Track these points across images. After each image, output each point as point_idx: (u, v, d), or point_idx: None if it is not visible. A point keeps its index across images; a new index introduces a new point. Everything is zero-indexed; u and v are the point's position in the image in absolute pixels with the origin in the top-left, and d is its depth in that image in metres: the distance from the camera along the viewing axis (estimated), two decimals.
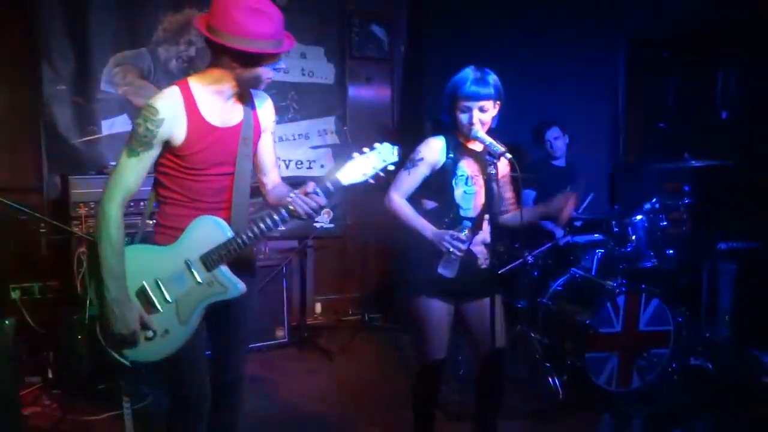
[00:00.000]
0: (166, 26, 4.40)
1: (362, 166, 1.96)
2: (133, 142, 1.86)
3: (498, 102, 2.38)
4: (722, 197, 4.29)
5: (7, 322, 2.66)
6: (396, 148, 1.96)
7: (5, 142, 4.11)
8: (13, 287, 3.94)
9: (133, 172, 1.87)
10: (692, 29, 4.83)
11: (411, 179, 2.44)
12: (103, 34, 4.22)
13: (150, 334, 1.92)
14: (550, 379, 3.40)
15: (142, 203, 2.31)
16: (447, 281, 2.37)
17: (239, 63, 1.85)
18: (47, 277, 3.71)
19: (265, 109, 2.12)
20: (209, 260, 1.94)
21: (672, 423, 3.24)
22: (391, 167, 1.97)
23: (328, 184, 1.95)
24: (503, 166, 2.48)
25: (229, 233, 1.95)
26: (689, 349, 3.73)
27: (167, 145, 1.89)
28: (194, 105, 1.90)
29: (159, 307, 1.93)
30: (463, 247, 2.31)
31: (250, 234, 1.95)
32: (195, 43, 4.44)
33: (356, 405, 3.41)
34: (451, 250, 2.29)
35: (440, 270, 2.36)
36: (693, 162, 3.76)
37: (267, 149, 2.17)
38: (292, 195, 1.93)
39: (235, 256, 1.96)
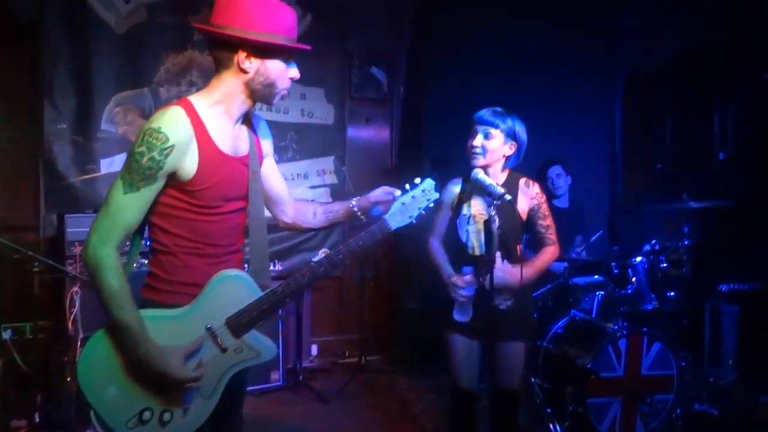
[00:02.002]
0: (168, 67, 4.46)
1: (408, 208, 1.78)
2: (133, 174, 1.56)
3: (513, 142, 2.45)
4: (722, 238, 4.28)
5: None
6: (434, 183, 1.82)
7: (3, 178, 4.11)
8: (5, 327, 3.88)
9: (131, 211, 1.58)
10: (688, 69, 4.90)
11: (439, 221, 2.58)
12: (106, 74, 4.27)
13: (167, 416, 1.64)
14: (552, 426, 3.31)
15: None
16: (470, 319, 2.43)
17: (255, 56, 1.62)
18: (39, 316, 3.64)
19: (264, 133, 1.89)
20: (237, 326, 1.67)
21: None
22: (432, 205, 1.83)
23: (376, 231, 1.76)
24: (529, 199, 2.51)
25: (259, 291, 1.70)
26: (693, 394, 3.65)
27: (171, 180, 1.61)
28: (204, 129, 1.63)
29: None
30: (463, 292, 2.35)
31: (289, 288, 1.69)
32: (196, 83, 4.49)
33: None
34: (453, 295, 2.39)
35: (455, 314, 2.45)
36: (692, 203, 3.75)
37: (275, 175, 1.94)
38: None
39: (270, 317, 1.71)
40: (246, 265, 1.84)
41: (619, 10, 5.05)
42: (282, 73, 1.68)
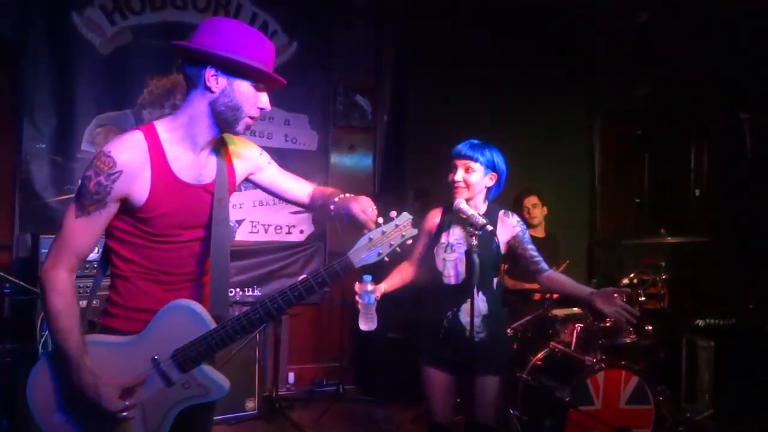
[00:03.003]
0: (152, 89, 4.44)
1: (378, 244, 1.62)
2: (83, 198, 1.54)
3: (493, 173, 2.48)
4: (699, 273, 4.34)
5: None
6: (412, 219, 1.66)
7: None
8: None
9: (82, 235, 1.56)
10: (665, 109, 5.03)
11: (416, 248, 2.58)
12: (88, 94, 4.23)
13: None
14: None
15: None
16: (440, 351, 2.42)
17: (223, 74, 1.57)
18: (8, 339, 3.54)
19: (241, 151, 1.81)
20: (184, 360, 1.59)
21: None
22: (410, 241, 1.67)
23: (337, 268, 1.62)
24: (509, 229, 2.52)
25: (211, 324, 1.61)
26: (671, 429, 3.65)
27: (124, 204, 1.58)
28: (162, 155, 1.59)
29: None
30: (362, 300, 2.35)
31: (240, 324, 1.59)
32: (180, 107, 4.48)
33: None
34: (354, 301, 2.37)
35: (360, 323, 2.41)
36: (669, 238, 3.80)
37: (281, 179, 1.90)
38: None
39: (219, 352, 1.62)
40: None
41: (599, 48, 5.19)
42: (250, 98, 1.63)
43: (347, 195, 1.74)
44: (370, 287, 2.35)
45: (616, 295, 2.33)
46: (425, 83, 4.92)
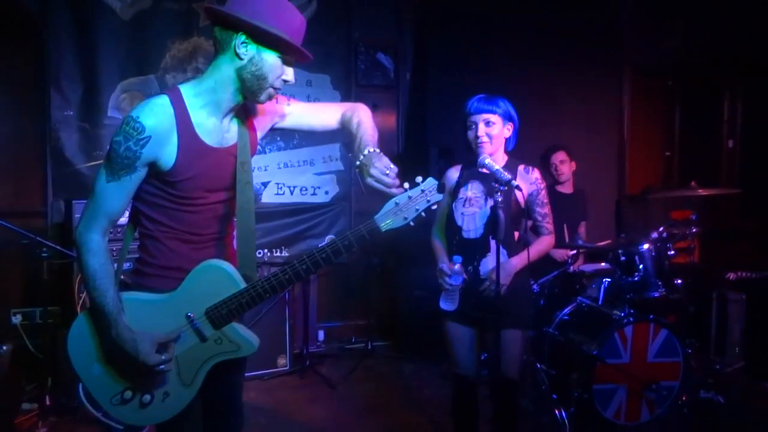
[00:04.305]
0: (174, 53, 4.45)
1: (404, 209, 1.62)
2: (113, 163, 1.57)
3: (510, 123, 2.46)
4: (730, 226, 4.25)
5: (3, 347, 2.62)
6: (437, 184, 1.64)
7: (11, 166, 4.14)
8: (14, 312, 3.92)
9: (113, 199, 1.60)
10: (696, 58, 4.85)
11: (440, 209, 2.56)
12: (112, 61, 4.27)
13: (147, 398, 1.66)
14: (557, 412, 3.33)
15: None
16: (462, 305, 2.42)
17: (252, 41, 1.59)
18: (48, 302, 3.67)
19: (259, 108, 1.82)
20: (217, 317, 1.66)
21: None
22: (434, 207, 1.65)
23: (363, 231, 1.64)
24: (527, 186, 2.48)
25: (242, 284, 1.67)
26: (699, 382, 3.65)
27: (152, 169, 1.61)
28: (188, 120, 1.62)
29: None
30: (449, 281, 2.33)
31: (270, 284, 1.64)
32: (203, 70, 4.45)
33: None
34: (440, 282, 2.37)
35: (441, 303, 2.40)
36: (700, 190, 3.72)
37: (307, 115, 1.91)
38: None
39: (249, 310, 1.67)
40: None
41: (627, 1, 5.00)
42: (276, 69, 1.64)
43: (372, 150, 1.69)
44: (458, 267, 2.35)
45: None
46: (447, 39, 4.81)
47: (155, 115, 1.57)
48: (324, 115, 1.95)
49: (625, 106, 5.26)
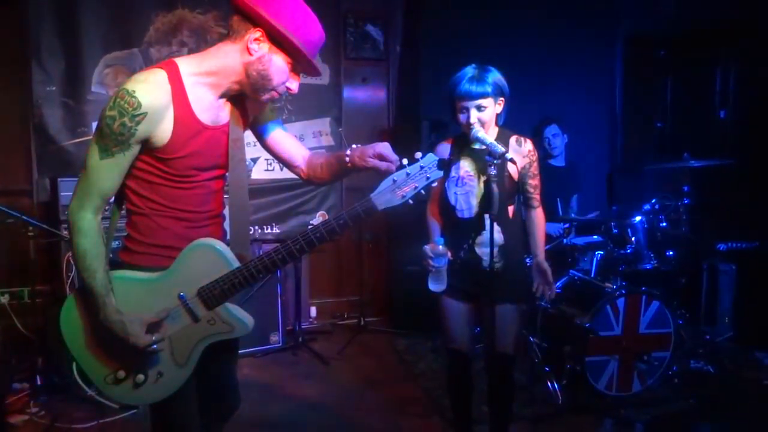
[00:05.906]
0: (158, 27, 4.35)
1: (401, 186, 1.57)
2: (106, 139, 1.51)
3: (501, 98, 2.36)
4: (722, 197, 4.25)
5: None
6: (438, 160, 1.59)
7: None
8: (2, 291, 3.88)
9: (106, 177, 1.56)
10: (689, 28, 4.80)
11: (436, 187, 2.49)
12: (94, 35, 4.16)
13: (141, 378, 1.64)
14: (550, 384, 3.35)
15: None
16: (459, 282, 2.41)
17: (268, 40, 1.57)
18: (36, 281, 3.62)
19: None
20: (210, 297, 1.63)
21: (673, 427, 3.19)
22: (434, 184, 1.61)
23: (359, 210, 1.59)
24: (520, 158, 2.41)
25: (234, 263, 1.64)
26: (690, 352, 3.69)
27: (145, 145, 1.57)
28: (184, 97, 1.57)
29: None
30: (432, 262, 2.31)
31: (263, 263, 1.61)
32: (187, 43, 4.39)
33: (352, 411, 3.35)
34: (424, 263, 2.33)
35: (429, 283, 2.38)
36: (692, 162, 3.72)
37: (285, 139, 1.90)
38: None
39: (242, 290, 1.63)
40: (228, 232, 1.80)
41: None
42: (282, 73, 1.63)
43: (358, 146, 1.69)
44: (441, 249, 2.31)
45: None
46: (438, 9, 4.72)
47: (152, 91, 1.52)
48: (295, 145, 1.93)
49: (617, 76, 5.21)
